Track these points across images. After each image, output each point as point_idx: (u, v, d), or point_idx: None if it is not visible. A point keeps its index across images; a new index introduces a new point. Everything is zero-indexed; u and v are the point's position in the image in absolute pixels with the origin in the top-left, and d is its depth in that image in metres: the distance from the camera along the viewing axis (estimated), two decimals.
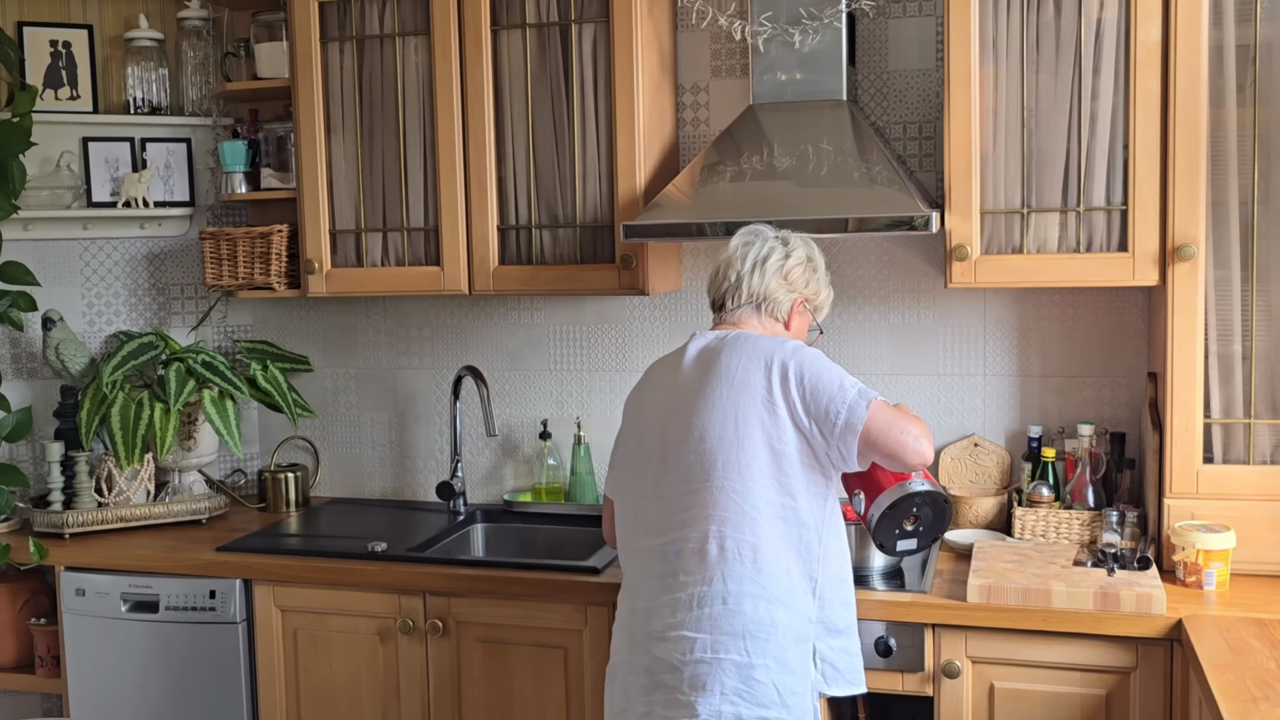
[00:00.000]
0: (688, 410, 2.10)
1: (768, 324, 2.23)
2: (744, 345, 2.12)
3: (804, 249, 2.27)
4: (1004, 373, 2.89)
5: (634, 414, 2.25)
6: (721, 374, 2.09)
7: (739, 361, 2.09)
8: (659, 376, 2.24)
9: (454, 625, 2.66)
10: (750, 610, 1.99)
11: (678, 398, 2.14)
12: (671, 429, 2.12)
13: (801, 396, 2.04)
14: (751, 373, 2.07)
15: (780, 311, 2.24)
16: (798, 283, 2.24)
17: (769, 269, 2.22)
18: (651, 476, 2.14)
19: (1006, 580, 2.35)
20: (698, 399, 2.10)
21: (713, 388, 2.09)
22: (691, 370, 2.15)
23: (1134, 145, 2.45)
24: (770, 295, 2.22)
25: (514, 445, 3.27)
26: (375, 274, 2.99)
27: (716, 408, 2.07)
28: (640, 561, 2.13)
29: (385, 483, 3.39)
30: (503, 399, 3.25)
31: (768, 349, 2.10)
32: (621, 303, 3.14)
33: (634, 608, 2.12)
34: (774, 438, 2.04)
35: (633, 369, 3.15)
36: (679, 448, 2.10)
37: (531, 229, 2.88)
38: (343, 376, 3.40)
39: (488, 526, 3.15)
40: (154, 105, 3.29)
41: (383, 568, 2.71)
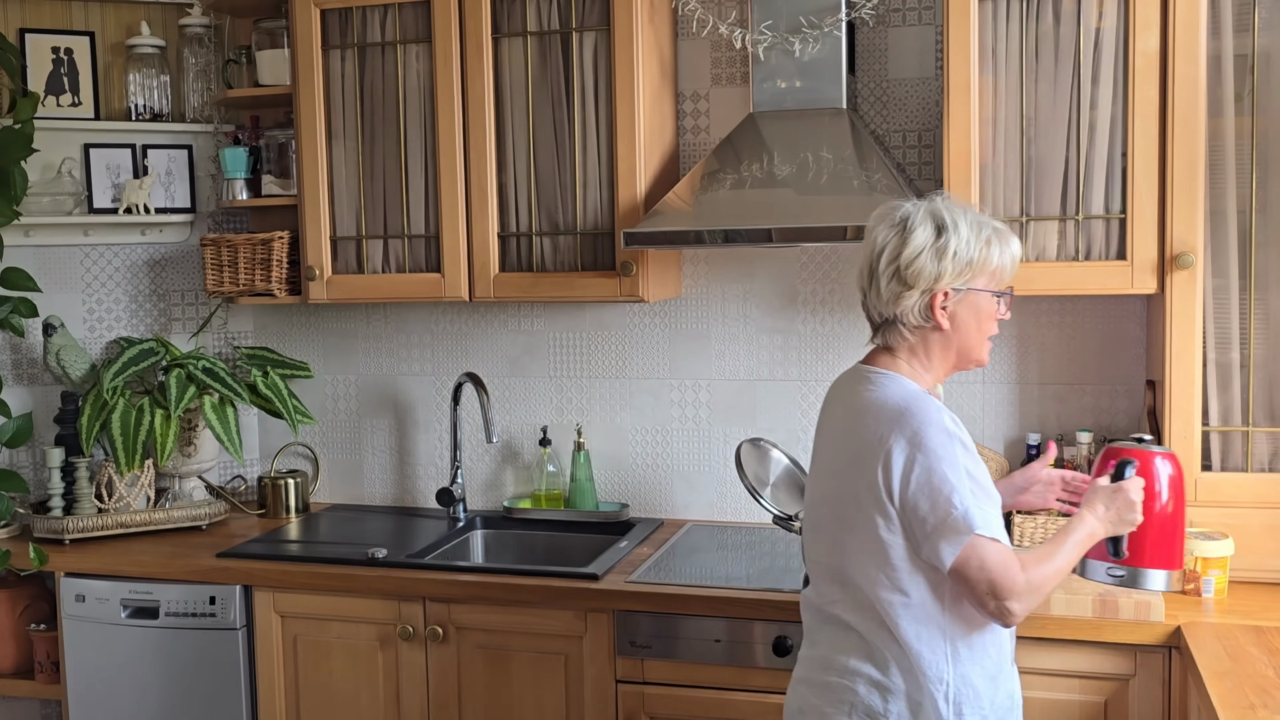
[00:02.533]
0: (821, 469, 1.95)
1: (916, 336, 1.88)
2: (870, 406, 1.84)
3: (931, 222, 1.84)
4: (1003, 380, 2.90)
5: None
6: (850, 438, 1.86)
7: (864, 428, 1.83)
8: (823, 411, 2.04)
9: (454, 631, 2.67)
10: (864, 694, 1.84)
11: (816, 448, 1.99)
12: (811, 483, 2.00)
13: (902, 490, 1.78)
14: (869, 444, 1.81)
15: (919, 317, 1.86)
16: (924, 275, 1.82)
17: (882, 274, 1.85)
18: (805, 513, 2.03)
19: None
20: (830, 459, 1.93)
21: (837, 457, 1.90)
22: (830, 422, 1.96)
23: (1133, 154, 2.46)
24: (895, 312, 1.86)
25: (514, 452, 3.27)
26: (376, 280, 3.00)
27: (836, 484, 1.89)
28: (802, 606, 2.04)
29: (385, 489, 3.39)
30: (503, 406, 3.26)
31: (890, 420, 1.80)
32: (621, 310, 3.15)
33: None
34: (882, 527, 1.80)
35: (632, 376, 3.15)
36: (812, 504, 1.97)
37: (532, 236, 2.89)
38: (343, 383, 3.41)
39: (487, 533, 3.16)
40: (155, 112, 3.30)
41: (383, 574, 2.71)
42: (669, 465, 3.15)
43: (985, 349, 1.92)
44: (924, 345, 1.89)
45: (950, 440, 1.78)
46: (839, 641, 1.90)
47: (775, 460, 2.86)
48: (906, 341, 1.89)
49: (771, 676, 2.46)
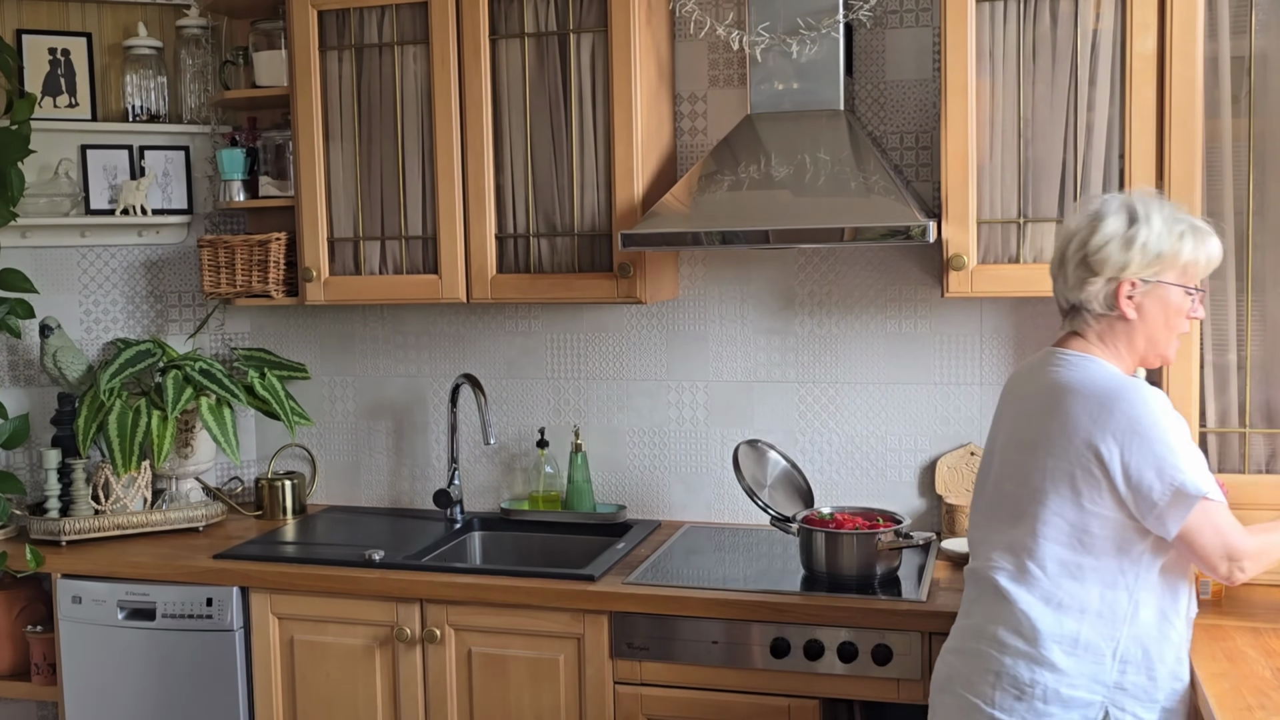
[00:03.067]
0: (1007, 444, 2.00)
1: (1103, 325, 1.95)
2: (1073, 394, 1.89)
3: (1124, 213, 1.91)
4: (1000, 381, 2.90)
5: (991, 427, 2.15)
6: (1052, 413, 1.91)
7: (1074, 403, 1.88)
8: (1008, 391, 2.11)
9: (450, 633, 2.66)
10: (1010, 664, 1.91)
11: (1006, 425, 2.03)
12: (994, 457, 2.04)
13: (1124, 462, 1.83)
14: (1081, 419, 1.86)
15: (1105, 305, 1.93)
16: (1110, 263, 1.89)
17: (1070, 261, 1.94)
18: (976, 498, 2.09)
19: None
20: (1019, 435, 1.97)
21: (1035, 433, 1.93)
22: (1030, 396, 2.00)
23: (1130, 156, 2.46)
24: (1080, 298, 1.95)
25: (511, 454, 3.27)
26: (373, 282, 3.00)
27: (1031, 458, 1.92)
28: (965, 580, 2.10)
29: (382, 491, 3.39)
30: (500, 407, 3.25)
31: (1109, 396, 1.86)
32: (619, 312, 3.15)
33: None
34: (1087, 497, 1.86)
35: (630, 377, 3.15)
36: (994, 480, 2.02)
37: (529, 238, 2.89)
38: (340, 384, 3.41)
39: (485, 535, 3.16)
40: (152, 113, 3.29)
41: (380, 576, 2.71)
42: (666, 467, 3.15)
43: (1173, 345, 1.98)
44: (1111, 333, 1.96)
45: (1166, 412, 1.86)
46: (994, 612, 1.95)
47: (773, 461, 2.87)
48: (1093, 328, 1.97)
49: (769, 678, 2.46)
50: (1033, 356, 2.10)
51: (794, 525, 2.68)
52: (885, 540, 2.53)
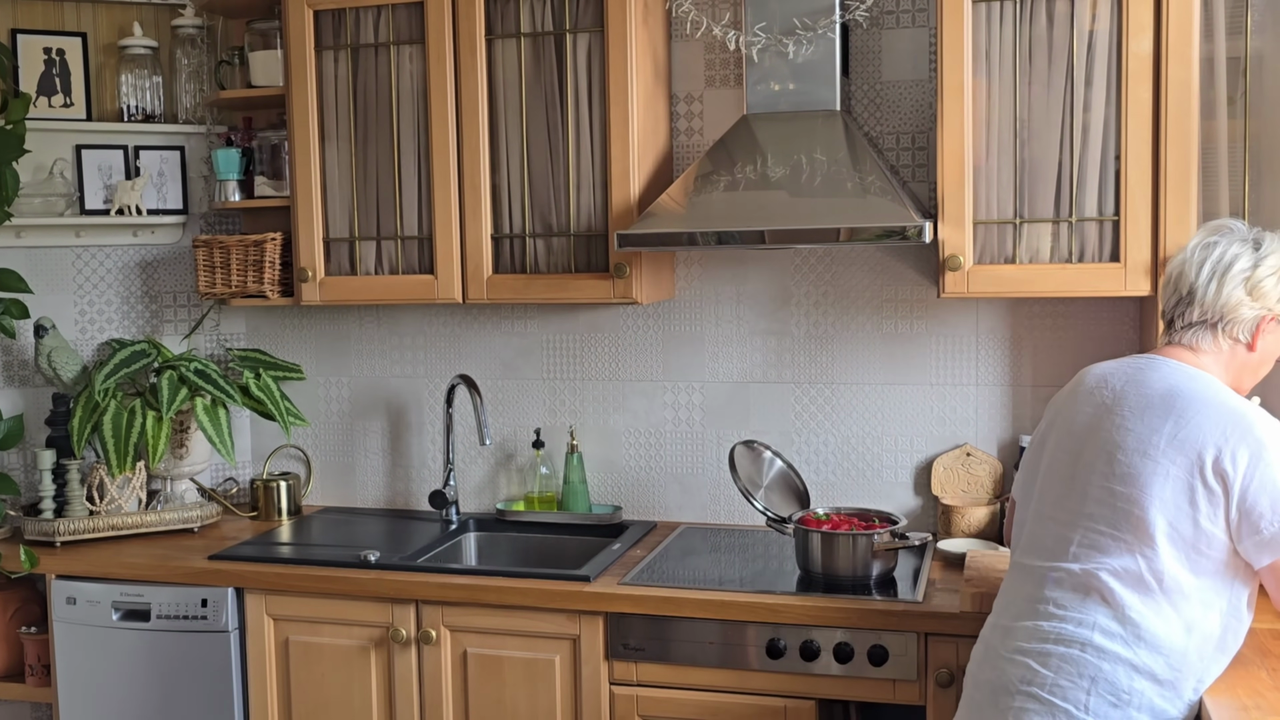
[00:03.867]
0: (1115, 443, 1.92)
1: (1226, 346, 1.97)
2: (1200, 405, 1.87)
3: (1278, 252, 1.97)
4: (996, 382, 2.90)
5: (1054, 418, 2.09)
6: (1173, 421, 1.87)
7: (1199, 417, 1.85)
8: (1097, 387, 2.02)
9: (446, 634, 2.66)
10: (1109, 670, 1.85)
11: (1108, 421, 1.95)
12: (1089, 453, 1.95)
13: (1243, 489, 1.81)
14: (1207, 436, 1.83)
15: (1242, 331, 1.96)
16: (1269, 296, 1.94)
17: (1230, 280, 1.94)
18: (1054, 493, 2.00)
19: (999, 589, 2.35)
20: (1132, 436, 1.90)
21: (1154, 436, 1.88)
22: (1141, 398, 1.93)
23: (1126, 156, 2.46)
24: (1230, 314, 1.94)
25: (507, 454, 3.27)
26: (369, 282, 2.99)
27: (1150, 463, 1.86)
28: (1017, 577, 2.02)
29: (378, 491, 3.39)
30: (496, 408, 3.25)
31: (1238, 419, 1.84)
32: (615, 312, 3.15)
33: (996, 623, 2.02)
34: (1204, 515, 1.83)
35: (625, 378, 3.15)
36: (1092, 478, 1.93)
37: (525, 238, 2.89)
38: (335, 385, 3.40)
39: (480, 535, 3.15)
40: (148, 113, 3.29)
41: (375, 577, 2.70)
42: (662, 467, 3.14)
43: (1258, 381, 2.04)
44: (1225, 358, 1.98)
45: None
46: (1092, 615, 1.87)
47: (769, 462, 2.87)
48: (1212, 350, 1.97)
49: (765, 679, 2.46)
50: (1126, 358, 2.05)
51: (790, 526, 2.68)
52: (881, 541, 2.52)
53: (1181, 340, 1.99)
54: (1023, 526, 2.09)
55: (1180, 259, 2.02)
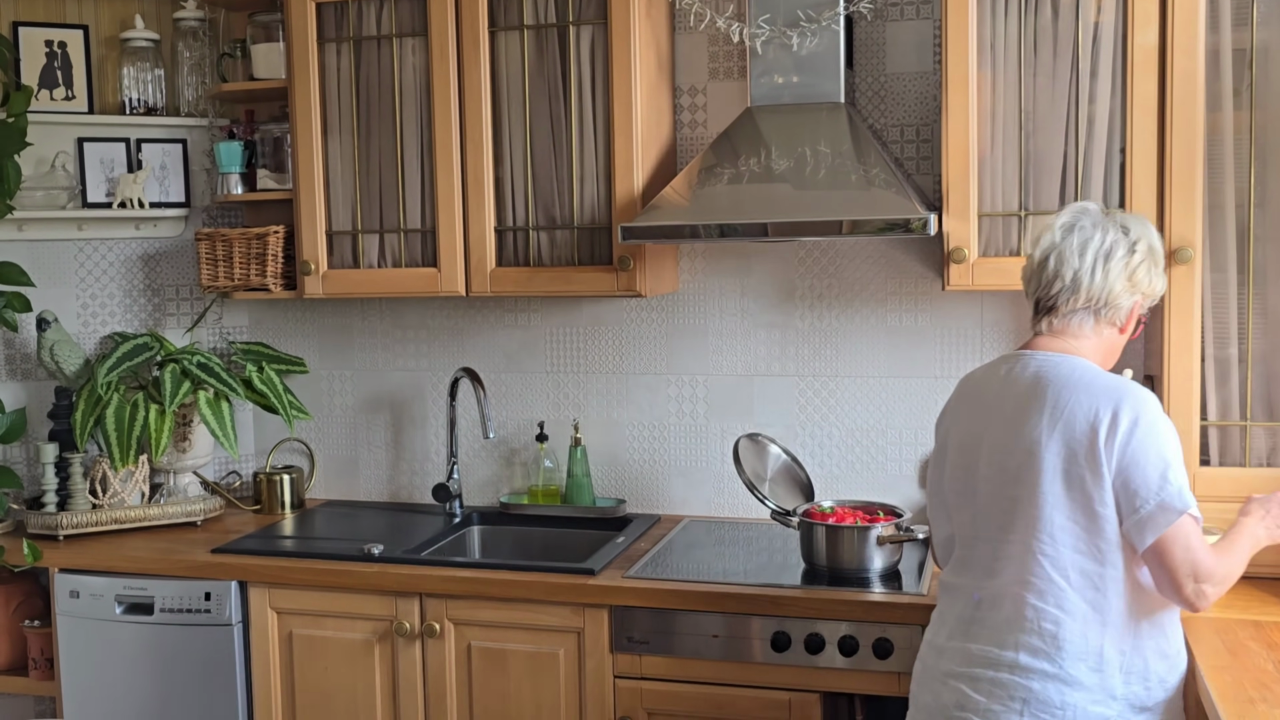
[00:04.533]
0: (1004, 447, 1.92)
1: (1105, 333, 2.00)
2: (1079, 382, 1.88)
3: (1146, 238, 1.99)
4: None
5: (945, 436, 2.10)
6: (1048, 413, 1.88)
7: (1071, 401, 1.86)
8: (975, 395, 2.05)
9: (450, 628, 2.66)
10: (1039, 689, 1.85)
11: (991, 429, 1.96)
12: (984, 465, 1.95)
13: (1120, 460, 1.83)
14: (1082, 418, 1.85)
15: (1120, 317, 1.99)
16: (1142, 282, 1.98)
17: (1114, 268, 1.95)
18: (966, 512, 2.00)
19: None
20: (1014, 436, 1.91)
21: (1034, 431, 1.88)
22: (1015, 398, 1.94)
23: (1131, 148, 2.45)
24: (1113, 300, 1.96)
25: (511, 448, 3.26)
26: (371, 275, 2.99)
27: (1035, 460, 1.87)
28: (947, 597, 2.03)
29: (381, 485, 3.38)
30: (499, 401, 3.25)
31: (1110, 394, 1.86)
32: (618, 305, 3.14)
33: (932, 641, 2.03)
34: (1096, 500, 1.84)
35: (629, 371, 3.14)
36: (989, 488, 1.94)
37: (529, 230, 2.88)
38: (338, 378, 3.39)
39: (484, 529, 3.15)
40: (149, 106, 3.28)
41: (379, 570, 2.70)
42: (666, 461, 3.14)
43: None
44: (1099, 342, 2.00)
45: (1165, 420, 1.87)
46: (1013, 634, 1.88)
47: (773, 455, 2.86)
48: (1097, 335, 1.99)
49: (770, 672, 2.45)
50: (996, 359, 2.08)
51: (794, 519, 2.67)
52: (886, 534, 2.52)
53: (1066, 328, 1.99)
54: (946, 546, 2.10)
55: (1049, 244, 2.00)
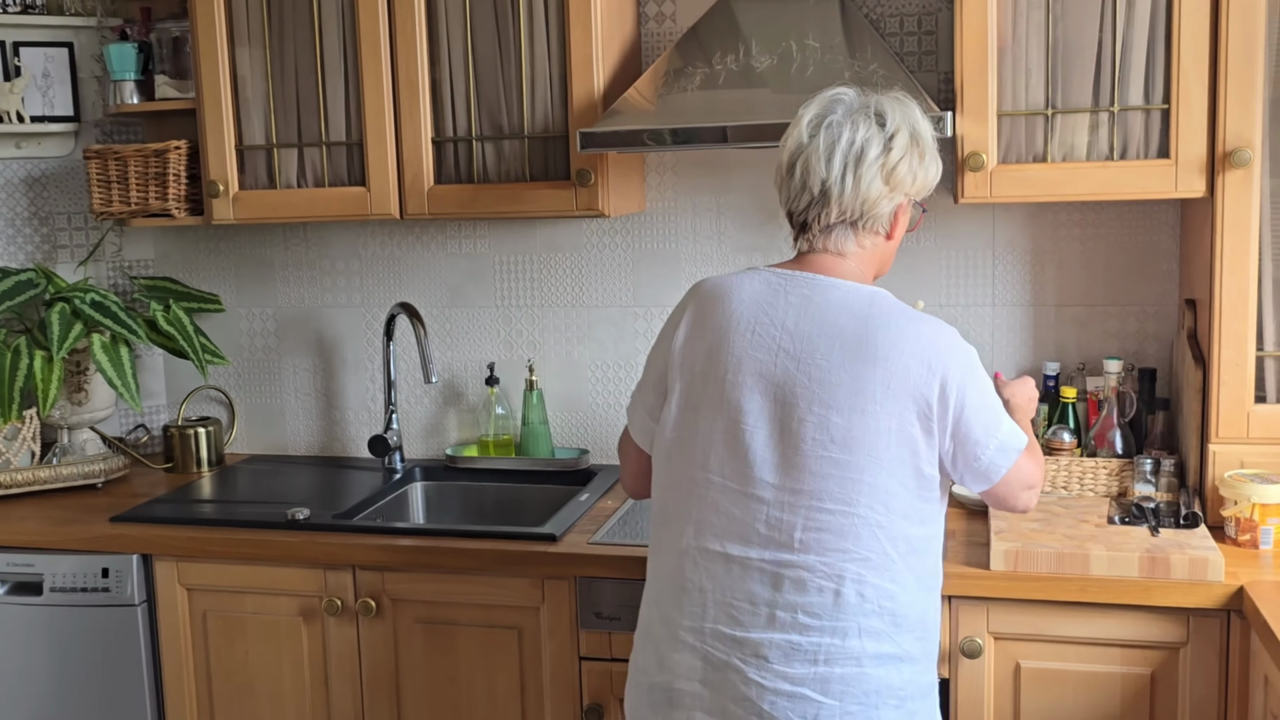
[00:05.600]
0: (824, 402, 1.62)
1: (870, 243, 1.73)
2: (901, 341, 1.62)
3: (906, 127, 1.70)
4: (1015, 302, 2.54)
5: (688, 357, 1.72)
6: (879, 371, 1.61)
7: (899, 368, 1.61)
8: (748, 320, 1.69)
9: (389, 604, 2.29)
10: (885, 675, 1.63)
11: (804, 374, 1.63)
12: (793, 418, 1.63)
13: (955, 420, 1.64)
14: (914, 383, 1.61)
15: (883, 224, 1.72)
16: (904, 182, 1.69)
17: (867, 172, 1.67)
18: (749, 462, 1.65)
19: (1036, 544, 2.01)
20: (841, 392, 1.61)
21: (867, 388, 1.61)
22: (825, 342, 1.64)
23: (1178, 33, 2.09)
24: (870, 209, 1.69)
25: (457, 393, 2.88)
26: (291, 197, 2.57)
27: (869, 421, 1.61)
28: (708, 568, 1.67)
29: (310, 438, 2.99)
30: (443, 340, 2.85)
31: (938, 350, 1.63)
32: (578, 228, 2.75)
33: (701, 626, 1.67)
34: (925, 461, 1.64)
35: (591, 304, 2.76)
36: (804, 447, 1.62)
37: (472, 141, 2.48)
38: (259, 317, 2.98)
39: (428, 486, 2.77)
40: (27, 2, 2.82)
41: (305, 538, 2.32)
42: None
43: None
44: (865, 255, 1.74)
45: (981, 367, 1.71)
46: (845, 621, 1.62)
47: None
48: (861, 250, 1.73)
49: None
50: (759, 274, 1.73)
51: None
52: None
53: (826, 245, 1.72)
54: (674, 498, 1.73)
55: (795, 145, 1.71)
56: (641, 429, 1.85)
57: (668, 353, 1.77)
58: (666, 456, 1.74)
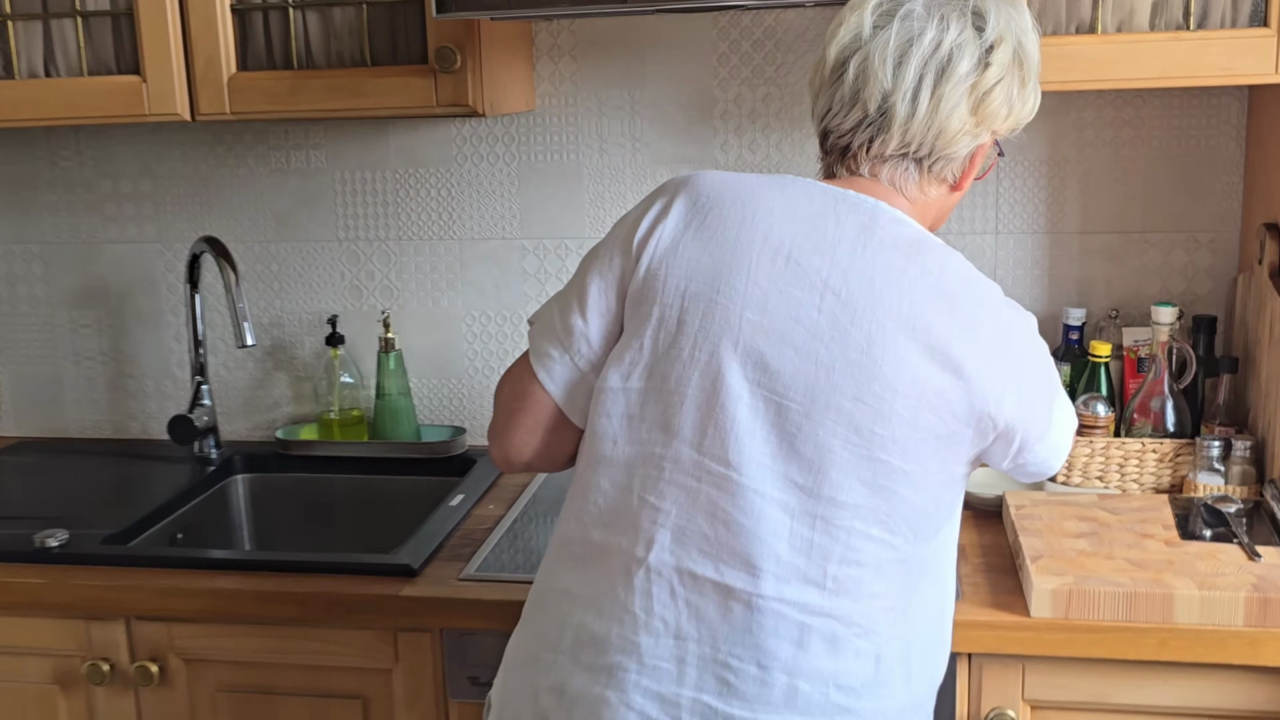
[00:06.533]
0: (880, 397, 1.10)
1: (932, 190, 1.22)
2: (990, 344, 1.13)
3: (1011, 38, 1.19)
4: (1026, 228, 1.94)
5: (697, 263, 1.15)
6: (958, 385, 1.11)
7: (979, 380, 1.12)
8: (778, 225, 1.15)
9: (180, 667, 1.63)
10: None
11: (861, 327, 1.11)
12: (849, 391, 1.11)
13: (1008, 426, 1.15)
14: (981, 405, 1.13)
15: (953, 170, 1.21)
16: (997, 112, 1.19)
17: (952, 92, 1.16)
18: (770, 449, 1.12)
19: (1095, 578, 1.42)
20: (902, 394, 1.11)
21: (937, 397, 1.11)
22: (890, 318, 1.11)
23: None
24: (944, 147, 1.18)
25: (290, 355, 2.19)
26: (37, 91, 1.84)
27: (932, 439, 1.12)
28: (691, 603, 1.13)
29: (97, 416, 2.27)
30: (269, 286, 2.16)
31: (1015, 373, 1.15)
32: (444, 133, 2.06)
33: (669, 694, 1.11)
34: (962, 460, 1.17)
35: (464, 236, 2.09)
36: (867, 442, 1.11)
37: (289, 9, 1.76)
38: (20, 257, 2.24)
39: (254, 482, 2.10)
40: None
41: (59, 576, 1.64)
42: None
43: None
44: (928, 207, 1.23)
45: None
46: (874, 689, 1.14)
47: None
48: (922, 198, 1.22)
49: None
50: (798, 184, 1.19)
51: None
52: None
53: (877, 174, 1.21)
54: (632, 472, 1.16)
55: (851, 35, 1.20)
56: (559, 365, 1.22)
57: (634, 251, 1.17)
58: (624, 419, 1.16)
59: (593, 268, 1.21)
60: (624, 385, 1.17)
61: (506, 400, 1.26)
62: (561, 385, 1.22)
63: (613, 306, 1.20)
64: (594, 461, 1.18)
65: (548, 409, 1.23)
